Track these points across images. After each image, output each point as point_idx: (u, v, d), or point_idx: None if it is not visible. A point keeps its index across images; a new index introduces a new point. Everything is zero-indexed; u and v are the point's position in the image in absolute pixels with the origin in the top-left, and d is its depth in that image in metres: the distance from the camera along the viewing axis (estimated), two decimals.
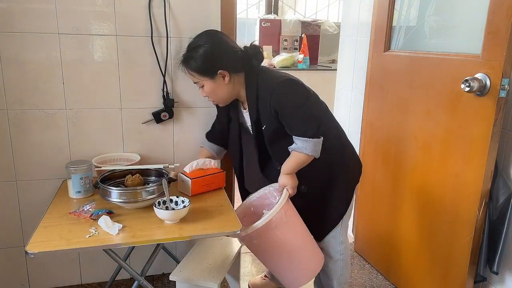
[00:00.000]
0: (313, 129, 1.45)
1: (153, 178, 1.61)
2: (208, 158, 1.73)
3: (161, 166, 1.60)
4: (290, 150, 1.50)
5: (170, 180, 1.56)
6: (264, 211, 1.63)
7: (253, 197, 1.71)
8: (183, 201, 1.44)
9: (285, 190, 1.54)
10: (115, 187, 1.47)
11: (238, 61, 1.52)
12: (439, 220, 1.76)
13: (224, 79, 1.51)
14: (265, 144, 1.58)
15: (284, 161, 1.54)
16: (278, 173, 1.59)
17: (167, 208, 1.40)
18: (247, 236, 1.47)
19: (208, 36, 1.53)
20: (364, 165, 2.29)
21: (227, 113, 1.71)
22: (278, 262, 1.59)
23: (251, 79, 1.54)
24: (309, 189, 1.61)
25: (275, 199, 1.65)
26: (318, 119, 1.48)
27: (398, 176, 2.00)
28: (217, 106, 1.74)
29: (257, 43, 1.57)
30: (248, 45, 1.56)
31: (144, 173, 1.60)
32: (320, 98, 1.59)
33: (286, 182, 1.54)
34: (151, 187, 1.46)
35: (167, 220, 1.38)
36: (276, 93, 1.45)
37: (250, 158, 1.73)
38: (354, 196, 1.70)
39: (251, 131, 1.62)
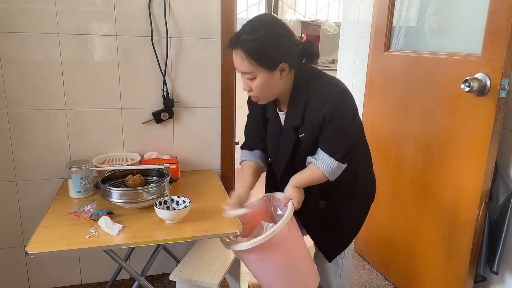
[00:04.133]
0: (343, 152, 1.33)
1: (154, 178, 1.61)
2: (255, 170, 1.53)
3: (162, 166, 1.60)
4: (309, 161, 1.38)
5: (171, 180, 1.55)
6: (263, 222, 1.55)
7: (251, 203, 1.54)
8: (184, 201, 1.44)
9: (290, 203, 1.41)
10: (116, 187, 1.47)
11: (298, 56, 1.32)
12: (439, 220, 1.76)
13: (281, 74, 1.29)
14: (294, 153, 1.43)
15: None
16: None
17: (168, 208, 1.40)
18: (246, 251, 1.35)
19: (271, 20, 1.30)
20: None
21: (263, 114, 1.50)
22: (276, 280, 1.44)
23: (301, 79, 1.35)
24: (327, 205, 1.49)
25: (276, 210, 1.55)
26: (350, 145, 1.36)
27: (398, 176, 2.00)
28: (250, 107, 1.55)
29: (310, 38, 1.41)
30: (304, 40, 1.37)
31: (145, 173, 1.60)
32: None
33: (292, 195, 1.41)
34: (152, 187, 1.46)
35: (168, 220, 1.38)
36: (331, 104, 1.28)
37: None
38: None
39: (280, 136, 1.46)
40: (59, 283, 1.99)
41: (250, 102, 1.51)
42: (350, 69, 2.48)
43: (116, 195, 1.43)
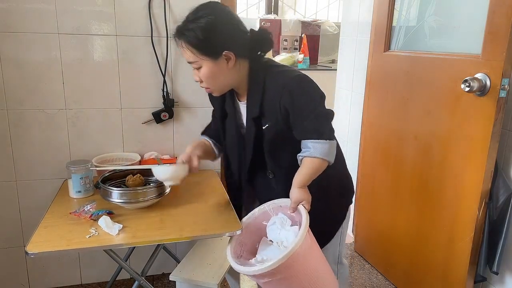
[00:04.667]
0: (328, 130, 1.26)
1: (154, 178, 1.61)
2: (206, 146, 1.50)
3: (160, 165, 1.60)
4: (300, 158, 1.28)
5: None
6: (264, 238, 1.36)
7: (248, 219, 1.38)
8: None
9: (301, 208, 1.26)
10: (116, 187, 1.47)
11: (245, 44, 1.26)
12: (439, 220, 1.75)
13: (228, 63, 1.24)
14: (259, 147, 1.34)
15: (282, 170, 1.35)
16: (265, 186, 1.42)
17: None
18: (269, 272, 1.14)
19: (213, 7, 1.24)
20: (364, 165, 2.31)
21: (222, 107, 1.44)
22: None
23: (256, 69, 1.30)
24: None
25: (284, 222, 1.34)
26: (330, 120, 1.29)
27: (398, 176, 2.00)
28: (211, 99, 1.51)
29: (267, 27, 1.35)
30: (256, 29, 1.31)
31: (145, 173, 1.60)
32: None
33: (300, 196, 1.27)
34: (152, 187, 1.46)
35: (168, 180, 1.38)
36: (290, 90, 1.23)
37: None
38: (349, 217, 1.50)
39: (244, 129, 1.39)
40: (59, 283, 1.99)
41: (210, 98, 1.49)
42: (350, 69, 2.48)
43: (116, 195, 1.43)
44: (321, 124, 1.25)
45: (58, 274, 1.98)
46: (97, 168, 1.65)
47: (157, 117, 1.85)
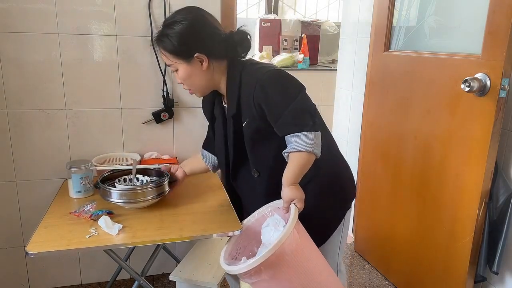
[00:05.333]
0: (309, 122, 1.21)
1: (153, 178, 1.61)
2: (198, 164, 1.60)
3: (160, 166, 1.60)
4: (285, 154, 1.25)
5: (171, 180, 1.55)
6: (262, 240, 1.30)
7: (247, 222, 1.37)
8: (147, 180, 1.55)
9: (292, 205, 1.23)
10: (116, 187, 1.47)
11: (220, 46, 1.29)
12: (439, 220, 1.75)
13: (202, 65, 1.28)
14: (241, 145, 1.34)
15: (266, 168, 1.33)
16: (249, 186, 1.40)
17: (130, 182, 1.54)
18: (253, 271, 1.12)
19: (188, 12, 1.28)
20: (364, 165, 2.31)
21: (211, 112, 1.47)
22: None
23: (233, 68, 1.32)
24: None
25: (277, 222, 1.29)
26: (312, 112, 1.24)
27: (398, 176, 2.00)
28: (203, 107, 1.54)
29: (245, 28, 1.33)
30: (235, 30, 1.33)
31: (145, 173, 1.60)
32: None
33: (291, 195, 1.24)
34: (152, 187, 1.46)
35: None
36: (262, 85, 1.22)
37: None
38: (345, 221, 1.42)
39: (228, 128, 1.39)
40: (59, 283, 1.99)
41: (202, 107, 1.54)
42: (350, 69, 2.48)
43: (115, 195, 1.43)
44: (300, 117, 1.21)
45: (58, 274, 1.98)
46: (98, 168, 1.65)
47: (157, 117, 1.85)
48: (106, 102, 1.81)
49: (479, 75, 1.50)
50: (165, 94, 1.83)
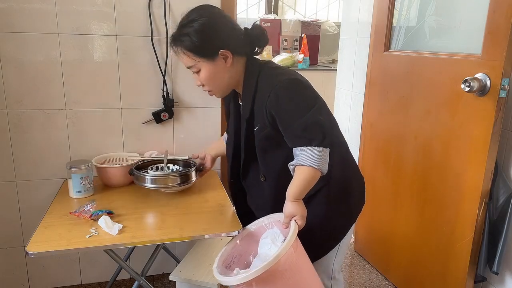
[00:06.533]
0: (318, 137, 1.15)
1: (181, 168, 1.75)
2: (217, 149, 1.66)
3: (186, 156, 1.76)
4: (291, 167, 1.20)
5: (198, 169, 1.65)
6: (259, 251, 1.27)
7: (245, 231, 1.33)
8: (177, 169, 1.71)
9: (293, 222, 1.18)
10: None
11: (241, 41, 1.25)
12: (439, 220, 1.76)
13: (226, 62, 1.23)
14: (253, 148, 1.31)
15: (273, 175, 1.30)
16: (257, 190, 1.38)
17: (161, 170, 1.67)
18: (244, 285, 1.08)
19: (203, 10, 1.25)
20: (364, 165, 2.31)
21: (228, 107, 1.46)
22: None
23: (251, 69, 1.27)
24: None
25: (276, 237, 1.26)
26: (324, 127, 1.17)
27: (398, 176, 2.00)
28: (223, 105, 1.53)
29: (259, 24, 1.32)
30: (250, 27, 1.28)
31: (175, 163, 1.75)
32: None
33: (294, 210, 1.18)
34: (180, 174, 1.60)
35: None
36: (277, 93, 1.17)
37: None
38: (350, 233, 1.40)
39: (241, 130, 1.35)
40: (59, 283, 1.99)
41: (224, 100, 1.51)
42: (350, 69, 2.48)
43: (149, 181, 1.56)
44: (310, 130, 1.16)
45: (58, 274, 1.97)
46: (138, 157, 1.76)
47: (157, 117, 1.85)
48: (106, 102, 1.81)
49: (479, 75, 1.50)
50: (165, 94, 1.83)
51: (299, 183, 1.18)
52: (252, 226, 1.33)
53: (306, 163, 1.15)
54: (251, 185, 1.42)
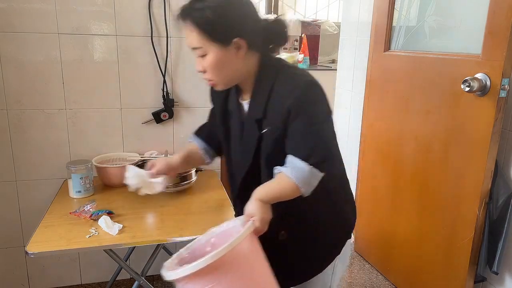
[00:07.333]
0: (318, 157, 1.03)
1: None
2: (191, 151, 1.33)
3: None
4: (276, 171, 1.08)
5: (198, 169, 1.74)
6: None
7: (213, 232, 1.16)
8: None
9: (250, 222, 1.03)
10: None
11: (260, 34, 1.09)
12: (439, 220, 1.75)
13: (237, 52, 1.06)
14: (258, 153, 1.15)
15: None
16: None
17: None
18: (180, 281, 0.96)
19: None
20: (364, 165, 2.31)
21: (223, 106, 1.26)
22: None
23: (268, 64, 1.12)
24: (290, 236, 1.17)
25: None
26: (328, 149, 1.07)
27: (398, 176, 2.00)
28: (212, 97, 1.32)
29: (283, 18, 1.15)
30: (271, 19, 1.12)
31: None
32: None
33: (254, 211, 1.04)
34: (181, 173, 1.60)
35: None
36: (299, 92, 1.05)
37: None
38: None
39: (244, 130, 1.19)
40: (59, 283, 1.99)
41: (211, 94, 1.31)
42: (350, 69, 2.48)
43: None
44: (312, 145, 1.04)
45: (58, 274, 1.97)
46: (139, 157, 1.75)
47: (157, 117, 1.85)
48: (106, 102, 1.81)
49: (479, 75, 1.50)
50: (165, 94, 1.83)
51: (274, 188, 1.07)
52: (220, 227, 1.16)
53: (292, 177, 1.03)
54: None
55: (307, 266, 1.21)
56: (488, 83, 1.47)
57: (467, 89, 1.49)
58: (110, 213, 1.41)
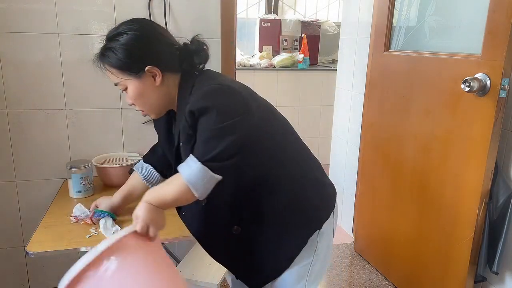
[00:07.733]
0: (215, 158, 0.97)
1: None
2: (132, 190, 1.37)
3: None
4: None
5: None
6: None
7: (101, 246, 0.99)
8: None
9: (132, 225, 0.99)
10: None
11: (174, 57, 1.12)
12: (439, 220, 1.75)
13: (154, 79, 1.10)
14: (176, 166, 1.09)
15: (217, 203, 1.11)
16: (194, 220, 1.21)
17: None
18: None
19: (134, 22, 1.11)
20: (364, 165, 2.31)
21: (167, 133, 1.26)
22: None
23: (186, 83, 1.12)
24: (244, 231, 1.12)
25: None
26: (234, 148, 0.99)
27: (398, 176, 2.00)
28: (155, 126, 1.33)
29: (200, 38, 1.17)
30: (189, 41, 1.16)
31: None
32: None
33: (139, 214, 1.01)
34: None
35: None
36: (199, 95, 1.03)
37: None
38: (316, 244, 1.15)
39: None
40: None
41: (154, 122, 1.33)
42: (350, 69, 2.48)
43: None
44: (211, 144, 0.99)
45: (58, 274, 1.95)
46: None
47: None
48: (106, 102, 1.81)
49: (479, 75, 1.50)
50: None
51: (163, 189, 1.04)
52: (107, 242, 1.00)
53: (183, 174, 0.99)
54: (188, 216, 1.24)
55: (274, 261, 1.15)
56: (488, 83, 1.47)
57: (467, 89, 1.49)
58: (113, 219, 1.37)
